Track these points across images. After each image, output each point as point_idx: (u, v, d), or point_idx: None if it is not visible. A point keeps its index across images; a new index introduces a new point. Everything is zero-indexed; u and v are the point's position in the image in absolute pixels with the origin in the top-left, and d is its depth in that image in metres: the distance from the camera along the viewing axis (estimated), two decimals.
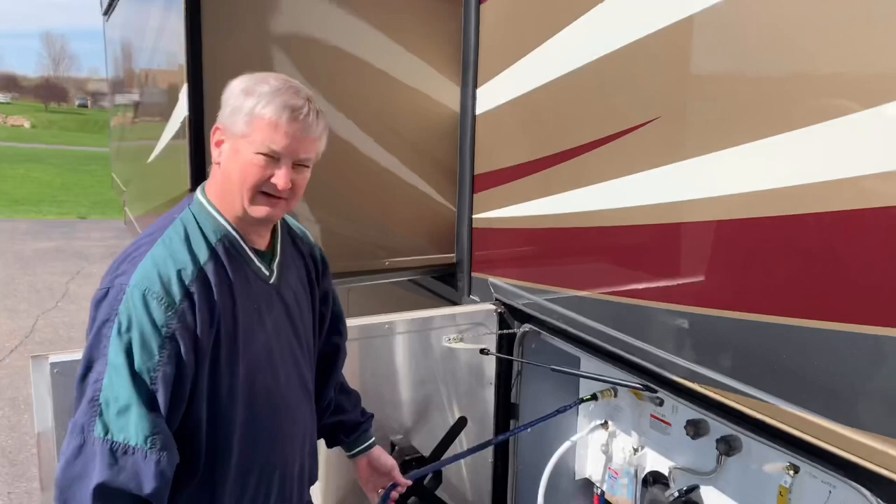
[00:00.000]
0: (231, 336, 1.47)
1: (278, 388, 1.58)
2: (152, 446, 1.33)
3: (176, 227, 1.48)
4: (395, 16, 2.60)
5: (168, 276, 1.39)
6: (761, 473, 1.87)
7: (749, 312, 1.59)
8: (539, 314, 2.32)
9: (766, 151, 1.52)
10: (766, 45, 1.53)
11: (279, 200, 1.49)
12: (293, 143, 1.46)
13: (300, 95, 1.48)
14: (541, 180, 2.22)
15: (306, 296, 1.73)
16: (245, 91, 1.46)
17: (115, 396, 1.32)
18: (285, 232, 1.70)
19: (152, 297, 1.36)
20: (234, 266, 1.50)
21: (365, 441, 1.93)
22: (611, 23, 1.91)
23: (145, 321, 1.34)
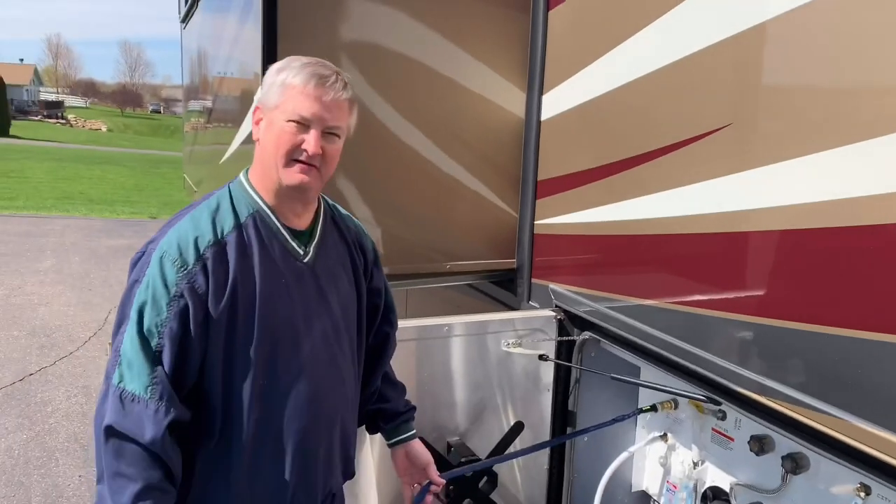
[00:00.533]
0: (249, 305, 1.51)
1: (300, 363, 1.59)
2: (152, 396, 1.43)
3: (210, 202, 1.58)
4: (462, 23, 2.64)
5: (186, 242, 1.49)
6: (829, 494, 1.80)
7: (819, 325, 1.55)
8: (600, 322, 2.31)
9: (839, 161, 1.48)
10: (841, 52, 1.49)
11: (311, 168, 1.54)
12: (321, 109, 1.53)
13: (328, 67, 1.57)
14: (605, 187, 2.21)
15: (349, 282, 1.75)
16: (278, 69, 1.57)
17: (127, 349, 1.44)
18: (329, 217, 1.74)
19: (168, 259, 1.47)
20: (263, 240, 1.56)
21: (405, 432, 1.94)
22: (682, 29, 1.89)
23: (158, 281, 1.45)
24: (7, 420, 4.97)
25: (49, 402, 5.30)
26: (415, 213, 2.70)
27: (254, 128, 1.62)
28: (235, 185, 1.62)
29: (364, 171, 2.57)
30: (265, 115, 1.58)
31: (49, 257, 10.14)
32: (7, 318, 7.23)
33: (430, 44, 2.60)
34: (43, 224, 12.86)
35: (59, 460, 4.45)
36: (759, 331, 1.70)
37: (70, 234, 11.96)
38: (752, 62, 1.69)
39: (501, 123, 2.72)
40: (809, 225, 1.56)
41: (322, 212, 1.71)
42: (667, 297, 1.99)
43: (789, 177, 1.60)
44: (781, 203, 1.63)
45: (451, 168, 2.71)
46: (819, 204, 1.53)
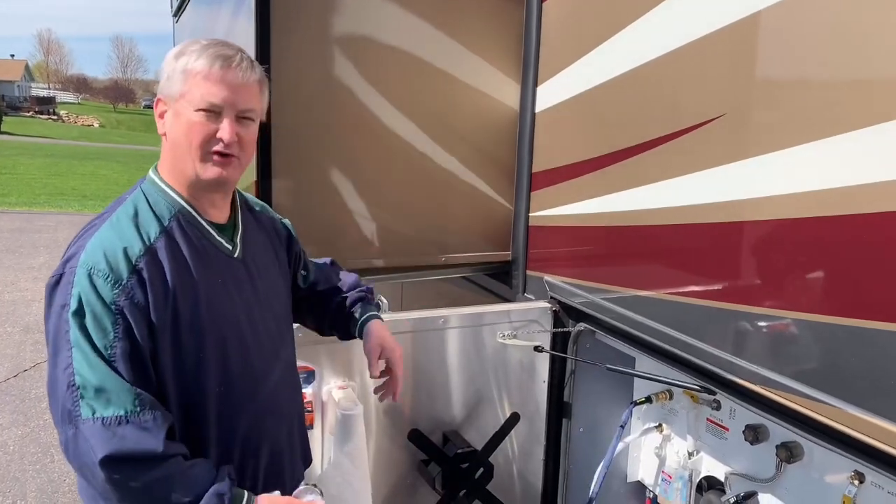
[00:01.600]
0: (193, 311, 1.43)
1: (252, 361, 1.55)
2: (141, 408, 1.33)
3: (125, 207, 1.47)
4: (455, 15, 2.64)
5: (114, 253, 1.37)
6: (823, 482, 1.81)
7: (813, 313, 1.55)
8: (595, 313, 2.31)
9: (832, 150, 1.49)
10: (834, 41, 1.49)
11: (230, 158, 1.45)
12: (231, 93, 1.42)
13: (231, 47, 1.47)
14: (600, 178, 2.21)
15: (275, 267, 1.71)
16: (177, 53, 1.45)
17: (88, 377, 1.31)
18: (244, 205, 1.68)
19: (98, 275, 1.34)
20: (192, 241, 1.47)
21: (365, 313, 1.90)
22: (675, 20, 1.89)
23: (94, 299, 1.33)
24: (2, 416, 4.96)
25: (44, 398, 5.27)
26: (409, 206, 2.69)
27: (158, 121, 1.50)
28: (148, 186, 1.51)
29: (358, 164, 2.57)
30: (169, 107, 1.46)
31: (42, 253, 10.09)
32: (1, 314, 7.20)
33: (424, 36, 2.59)
34: (36, 220, 12.79)
35: (55, 456, 4.44)
36: (754, 320, 1.71)
37: (63, 230, 11.90)
38: (745, 52, 1.69)
39: (496, 115, 2.72)
40: (802, 214, 1.57)
41: (238, 202, 1.65)
42: (661, 287, 2.00)
43: (783, 167, 1.60)
44: (774, 193, 1.63)
45: (446, 161, 2.71)
46: (812, 193, 1.54)
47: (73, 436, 1.32)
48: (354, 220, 2.60)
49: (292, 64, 2.39)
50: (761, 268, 1.70)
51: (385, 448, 2.34)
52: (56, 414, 1.35)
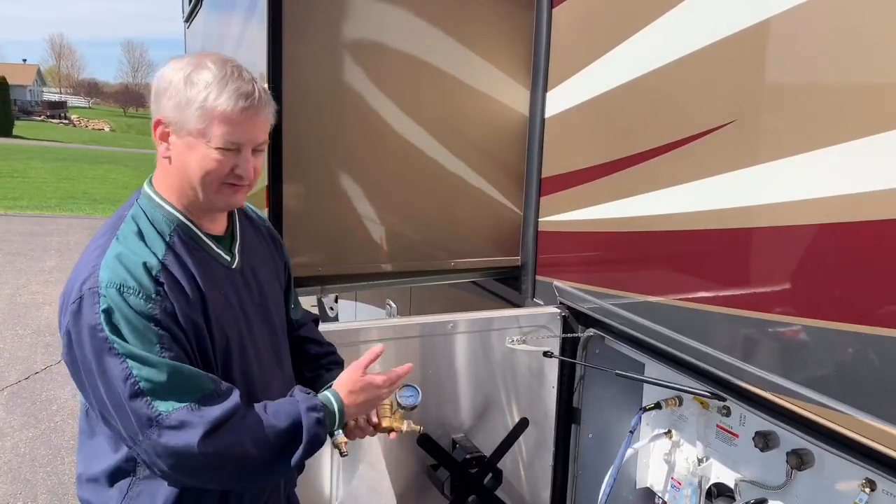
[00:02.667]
0: (202, 326, 1.44)
1: (254, 373, 1.57)
2: (214, 385, 1.40)
3: (128, 223, 1.46)
4: (465, 21, 2.64)
5: (136, 269, 1.37)
6: (834, 489, 1.80)
7: (825, 320, 1.55)
8: (604, 318, 2.31)
9: (843, 157, 1.48)
10: (845, 47, 1.49)
11: (242, 187, 1.48)
12: (252, 131, 1.43)
13: (245, 78, 1.44)
14: (610, 184, 2.22)
15: (273, 276, 1.71)
16: (186, 82, 1.41)
17: (154, 377, 1.33)
18: (241, 215, 1.67)
19: (129, 291, 1.35)
20: (193, 255, 1.48)
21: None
22: (686, 26, 1.89)
23: (131, 315, 1.34)
24: (13, 418, 4.99)
25: (54, 400, 5.32)
26: (419, 210, 2.70)
27: (159, 143, 1.48)
28: (144, 201, 1.51)
29: (368, 168, 2.58)
30: (179, 136, 1.44)
31: (53, 256, 10.17)
32: (12, 316, 7.25)
33: (434, 41, 2.60)
34: (47, 223, 12.90)
35: (65, 458, 4.47)
36: (765, 326, 1.70)
37: (74, 234, 11.99)
38: (756, 58, 1.69)
39: (505, 121, 2.73)
40: (814, 221, 1.57)
41: (236, 213, 1.64)
42: (672, 293, 2.00)
43: (793, 173, 1.60)
44: (785, 199, 1.63)
45: (455, 166, 2.71)
46: (823, 200, 1.54)
47: (159, 436, 1.34)
48: (364, 225, 2.61)
49: (303, 70, 2.40)
50: (772, 274, 1.70)
51: (394, 453, 2.34)
52: (128, 428, 1.36)
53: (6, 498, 4.00)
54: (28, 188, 17.76)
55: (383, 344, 1.72)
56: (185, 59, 1.46)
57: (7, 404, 5.21)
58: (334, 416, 1.55)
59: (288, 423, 1.45)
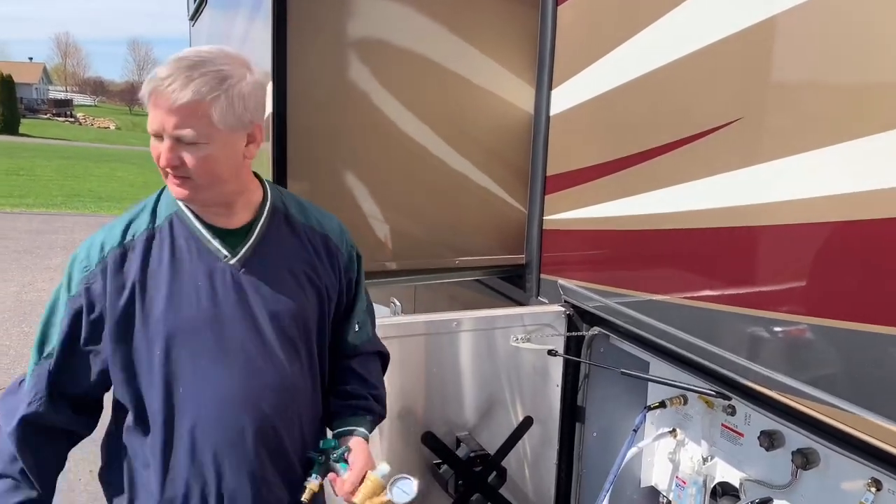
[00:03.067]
0: (151, 306, 1.49)
1: (209, 369, 1.49)
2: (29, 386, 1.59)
3: (135, 206, 1.60)
4: (470, 19, 2.64)
5: (94, 245, 1.53)
6: (840, 489, 1.80)
7: (831, 318, 1.54)
8: (609, 317, 2.30)
9: (851, 154, 1.48)
10: (853, 45, 1.49)
11: (185, 179, 1.43)
12: (161, 117, 1.38)
13: (175, 64, 1.38)
14: (615, 182, 2.21)
15: (298, 283, 1.59)
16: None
17: (36, 338, 1.60)
18: (279, 215, 1.61)
19: (77, 262, 1.53)
20: (177, 241, 1.52)
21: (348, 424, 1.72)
22: (692, 23, 1.89)
23: (65, 281, 1.54)
24: None
25: None
26: (423, 209, 2.70)
27: None
28: (166, 189, 1.56)
29: (372, 167, 2.58)
30: None
31: (59, 254, 10.20)
32: (19, 314, 7.28)
33: (439, 39, 2.60)
34: (53, 221, 12.95)
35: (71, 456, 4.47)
36: (770, 325, 1.70)
37: (80, 232, 12.03)
38: (763, 55, 1.69)
39: (510, 119, 2.72)
40: (820, 219, 1.56)
41: (267, 210, 1.59)
42: (677, 292, 1.99)
43: (800, 170, 1.59)
44: (792, 197, 1.62)
45: (460, 164, 2.71)
46: (831, 198, 1.53)
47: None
48: (368, 223, 2.61)
49: (308, 67, 2.40)
50: (777, 272, 1.69)
51: (398, 451, 2.34)
52: None
53: None
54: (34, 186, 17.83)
55: None
56: None
57: None
58: None
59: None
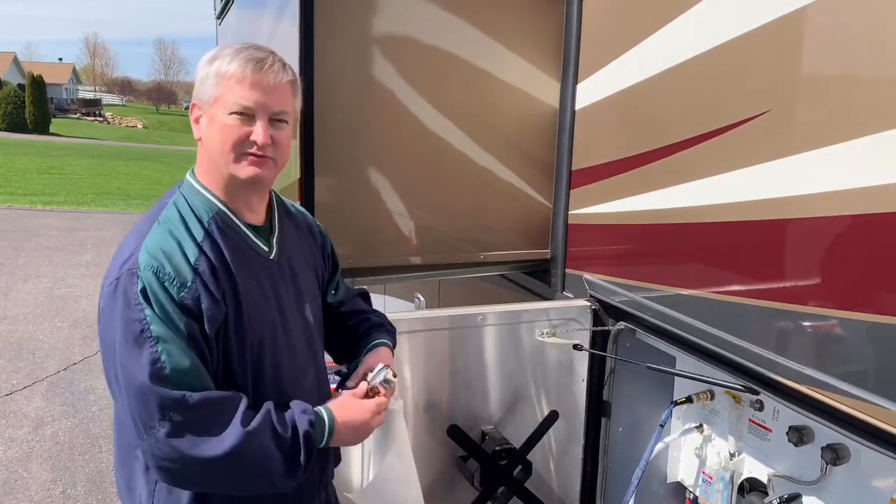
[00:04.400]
0: (237, 311, 1.45)
1: (285, 363, 1.56)
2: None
3: (169, 210, 1.48)
4: (495, 14, 2.65)
5: (174, 254, 1.39)
6: (871, 485, 1.77)
7: (862, 312, 1.52)
8: (635, 311, 2.30)
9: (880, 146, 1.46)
10: (882, 36, 1.46)
11: (264, 159, 1.45)
12: (263, 95, 1.42)
13: (263, 50, 1.47)
14: (641, 176, 2.20)
15: (309, 270, 1.70)
16: (209, 59, 1.46)
17: (178, 364, 1.34)
18: (281, 208, 1.67)
19: (165, 276, 1.37)
20: (230, 243, 1.48)
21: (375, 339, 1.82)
22: (719, 15, 1.87)
23: (166, 300, 1.35)
24: (53, 407, 5.14)
25: (92, 390, 5.46)
26: (449, 204, 2.71)
27: (193, 126, 1.52)
28: (186, 189, 1.52)
29: (397, 162, 2.60)
30: (204, 112, 1.48)
31: (90, 251, 10.41)
32: (51, 309, 7.45)
33: (464, 35, 2.61)
34: (83, 219, 13.21)
35: (103, 447, 4.59)
36: (799, 319, 1.68)
37: (109, 229, 12.26)
38: (791, 47, 1.67)
39: (535, 114, 2.72)
40: (851, 211, 1.54)
41: (275, 205, 1.65)
42: (704, 285, 1.98)
43: (830, 162, 1.58)
44: (821, 189, 1.61)
45: (485, 159, 2.72)
46: (860, 190, 1.51)
47: (172, 426, 1.34)
48: (393, 218, 2.63)
49: (335, 65, 2.43)
50: (807, 266, 1.68)
51: (424, 443, 2.36)
52: (142, 416, 1.35)
53: (46, 485, 4.12)
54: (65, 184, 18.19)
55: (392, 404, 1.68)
56: (218, 46, 1.50)
57: (46, 394, 5.36)
58: (323, 424, 1.52)
59: (287, 432, 1.44)
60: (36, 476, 4.20)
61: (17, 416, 4.97)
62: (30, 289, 8.18)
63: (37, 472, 4.25)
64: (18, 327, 6.83)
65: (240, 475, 1.41)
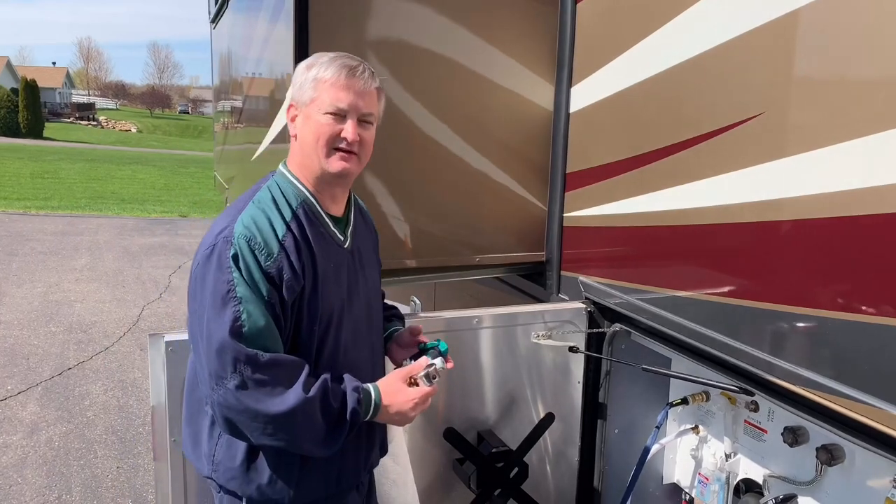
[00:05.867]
0: (312, 287, 1.62)
1: (348, 343, 1.72)
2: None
3: (264, 192, 1.68)
4: (489, 18, 2.65)
5: (265, 228, 1.58)
6: (866, 485, 1.78)
7: (856, 313, 1.53)
8: (630, 313, 2.30)
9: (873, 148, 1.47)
10: (875, 38, 1.48)
11: (351, 155, 1.65)
12: (355, 98, 1.63)
13: (355, 59, 1.68)
14: (636, 178, 2.21)
15: (375, 262, 1.92)
16: (308, 65, 1.67)
17: (257, 324, 1.52)
18: (356, 204, 1.88)
19: (256, 245, 1.55)
20: (313, 228, 1.66)
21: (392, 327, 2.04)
22: (713, 18, 1.88)
23: (254, 266, 1.54)
24: (47, 413, 5.11)
25: (87, 395, 5.43)
26: (444, 207, 2.71)
27: (289, 124, 1.72)
28: (279, 177, 1.72)
29: (393, 166, 2.60)
30: (300, 111, 1.68)
31: (84, 255, 10.37)
32: (45, 314, 7.42)
33: (458, 39, 2.61)
34: (77, 223, 13.15)
35: (98, 452, 4.57)
36: (794, 320, 1.69)
37: (103, 233, 12.22)
38: (785, 50, 1.68)
39: (530, 116, 2.73)
40: (844, 213, 1.55)
41: (352, 201, 1.84)
42: (698, 287, 1.99)
43: (824, 165, 1.59)
44: (815, 192, 1.62)
45: (480, 162, 2.72)
46: (854, 192, 1.52)
47: (243, 379, 1.50)
48: (389, 222, 2.63)
49: None
50: (801, 267, 1.69)
51: (420, 446, 2.36)
52: (216, 369, 1.52)
53: (41, 490, 4.10)
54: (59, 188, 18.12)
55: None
56: (314, 54, 1.70)
57: (41, 399, 5.33)
58: (370, 401, 1.66)
59: (337, 403, 1.59)
60: (31, 482, 4.18)
61: (12, 422, 4.94)
62: (24, 294, 8.14)
63: (31, 478, 4.23)
64: (12, 332, 6.79)
65: (290, 433, 1.55)
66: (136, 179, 21.81)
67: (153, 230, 12.85)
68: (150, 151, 36.76)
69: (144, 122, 67.97)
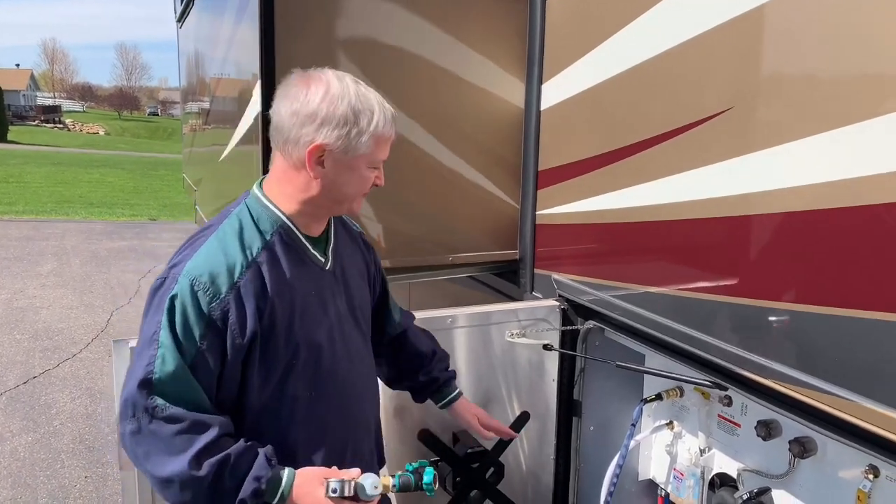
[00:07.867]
0: (289, 319, 1.53)
1: (342, 369, 1.66)
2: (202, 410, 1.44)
3: (231, 221, 1.54)
4: (459, 15, 2.63)
5: (217, 269, 1.46)
6: (838, 476, 1.80)
7: (826, 306, 1.54)
8: (604, 310, 2.30)
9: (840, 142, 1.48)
10: (842, 33, 1.49)
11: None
12: (388, 149, 1.62)
13: (386, 100, 1.59)
14: (607, 175, 2.21)
15: (361, 278, 1.81)
16: (354, 111, 1.50)
17: (166, 376, 1.40)
18: (337, 218, 1.76)
19: (199, 286, 1.43)
20: (291, 255, 1.56)
21: (448, 394, 2.07)
22: (681, 14, 1.88)
23: (190, 309, 1.42)
24: (12, 422, 4.98)
25: (53, 404, 5.31)
26: (416, 206, 2.69)
27: (314, 167, 1.52)
28: (252, 201, 1.59)
29: None
30: (340, 160, 1.53)
31: (50, 261, 10.14)
32: (10, 321, 7.23)
33: (428, 36, 2.59)
34: (43, 228, 12.86)
35: (65, 462, 4.46)
36: (765, 314, 1.70)
37: (70, 238, 11.96)
38: (752, 45, 1.69)
39: (501, 114, 2.72)
40: (811, 207, 1.56)
41: (331, 217, 1.73)
42: (671, 283, 1.99)
43: (791, 159, 1.59)
44: (783, 186, 1.62)
45: (452, 161, 2.70)
46: (821, 185, 1.53)
47: (139, 427, 1.40)
48: (361, 221, 2.59)
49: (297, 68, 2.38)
50: (771, 261, 1.69)
51: (395, 448, 2.33)
52: (126, 398, 1.42)
53: (6, 502, 3.98)
54: (24, 193, 17.71)
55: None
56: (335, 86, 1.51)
57: (5, 409, 5.19)
58: (277, 490, 1.47)
59: (233, 484, 1.44)
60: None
61: None
62: None
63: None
64: None
65: (171, 499, 1.44)
66: (104, 183, 21.42)
67: (122, 234, 12.62)
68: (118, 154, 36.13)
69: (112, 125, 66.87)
